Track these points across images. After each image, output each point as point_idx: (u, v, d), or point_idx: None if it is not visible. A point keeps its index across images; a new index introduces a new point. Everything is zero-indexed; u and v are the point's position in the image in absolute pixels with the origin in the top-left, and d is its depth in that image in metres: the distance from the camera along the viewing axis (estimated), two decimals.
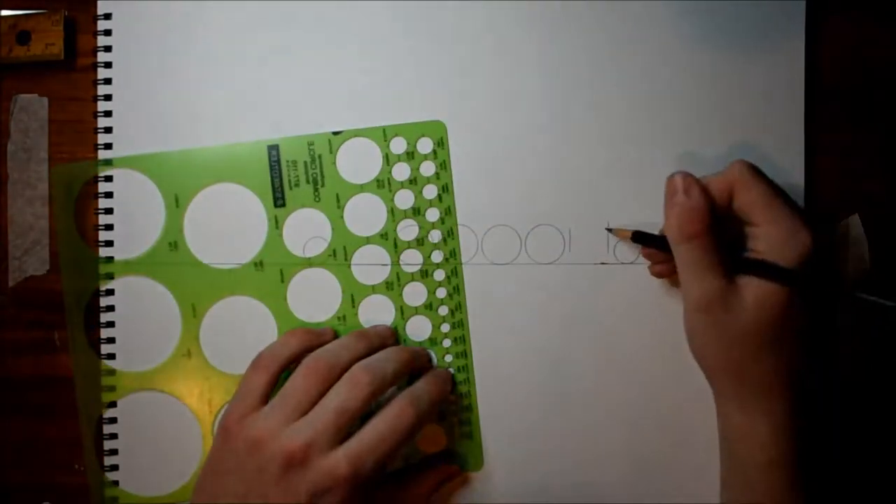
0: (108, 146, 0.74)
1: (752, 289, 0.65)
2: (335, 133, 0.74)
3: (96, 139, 0.74)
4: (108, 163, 0.74)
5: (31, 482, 0.76)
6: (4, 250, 0.75)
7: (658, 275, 0.74)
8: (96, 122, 0.74)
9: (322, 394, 0.67)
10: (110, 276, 0.74)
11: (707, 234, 0.66)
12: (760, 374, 0.66)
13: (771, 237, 0.65)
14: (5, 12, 0.74)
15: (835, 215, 0.76)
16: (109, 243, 0.74)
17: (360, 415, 0.67)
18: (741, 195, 0.66)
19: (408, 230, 0.75)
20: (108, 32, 0.75)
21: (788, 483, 0.67)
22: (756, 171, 0.66)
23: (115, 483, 0.75)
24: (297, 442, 0.64)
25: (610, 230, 0.75)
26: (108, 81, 0.75)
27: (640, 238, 0.72)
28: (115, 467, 0.75)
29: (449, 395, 0.74)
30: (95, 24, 0.75)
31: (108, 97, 0.74)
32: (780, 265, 0.65)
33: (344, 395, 0.67)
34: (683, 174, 0.68)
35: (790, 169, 0.75)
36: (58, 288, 0.75)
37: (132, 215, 0.74)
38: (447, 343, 0.75)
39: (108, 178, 0.74)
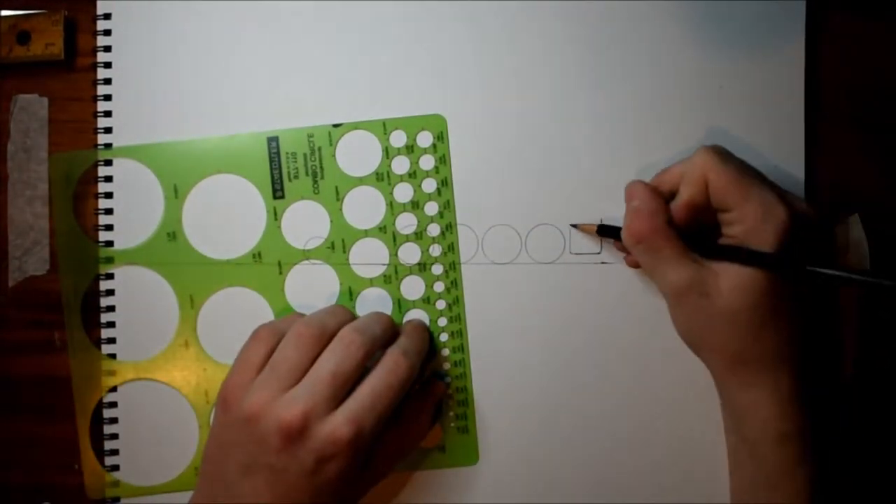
0: (108, 146, 0.74)
1: (729, 274, 0.66)
2: (335, 125, 0.74)
3: (96, 139, 0.74)
4: (107, 150, 0.74)
5: (31, 482, 0.76)
6: (4, 250, 0.75)
7: (633, 265, 0.74)
8: (96, 122, 0.75)
9: (313, 359, 0.67)
10: (111, 260, 0.74)
11: (657, 232, 0.68)
12: (755, 353, 0.67)
13: (746, 220, 0.66)
14: (5, 12, 0.74)
15: (835, 215, 0.76)
16: (109, 227, 0.74)
17: (356, 376, 0.66)
18: (712, 182, 0.66)
19: (406, 224, 0.75)
20: (108, 32, 0.75)
21: (798, 456, 0.67)
22: (722, 155, 0.67)
23: (116, 468, 0.74)
24: (293, 412, 0.63)
25: (575, 226, 0.75)
26: (108, 81, 0.75)
27: (604, 231, 0.74)
28: (115, 452, 0.74)
29: (428, 342, 0.74)
30: (95, 24, 0.75)
31: (108, 97, 0.75)
32: (750, 248, 0.66)
33: (338, 357, 0.66)
34: (633, 181, 0.71)
35: (790, 169, 0.75)
36: (58, 288, 0.75)
37: (131, 205, 0.74)
38: (444, 337, 0.75)
39: (108, 163, 0.74)
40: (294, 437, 0.63)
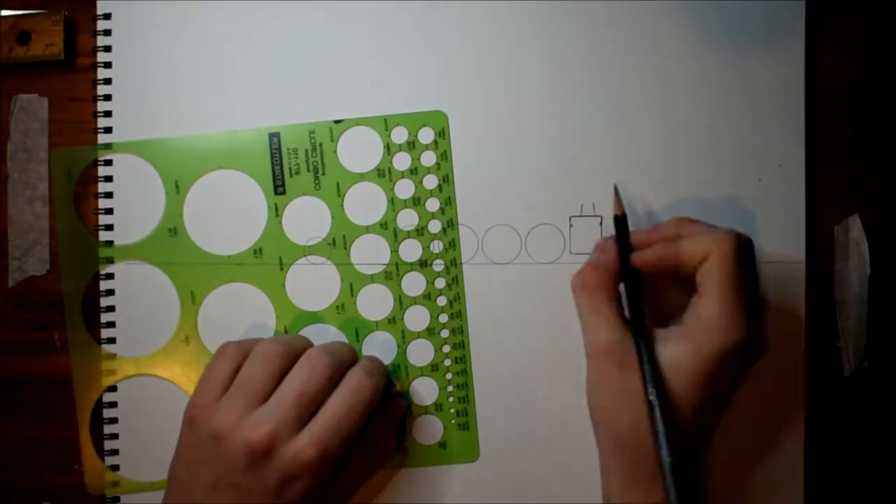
0: (108, 146, 0.74)
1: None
2: (336, 121, 0.75)
3: (96, 139, 0.74)
4: (108, 147, 0.74)
5: (31, 482, 0.75)
6: (4, 250, 0.75)
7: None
8: (96, 122, 0.75)
9: (279, 378, 0.67)
10: (110, 261, 0.74)
11: (603, 287, 0.68)
12: (647, 448, 0.64)
13: (703, 315, 0.65)
14: (5, 12, 0.74)
15: (835, 215, 0.76)
16: (109, 227, 0.74)
17: (322, 397, 0.66)
18: (709, 262, 0.64)
19: (408, 220, 0.75)
20: (108, 32, 0.75)
21: None
22: (740, 252, 0.65)
23: (116, 467, 0.74)
24: (259, 432, 0.64)
25: (616, 190, 0.74)
26: (108, 81, 0.75)
27: (619, 224, 0.72)
28: (115, 451, 0.74)
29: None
30: (95, 24, 0.75)
31: (108, 97, 0.75)
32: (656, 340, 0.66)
33: (304, 377, 0.66)
34: (607, 238, 0.72)
35: (790, 169, 0.75)
36: (58, 288, 0.75)
37: (132, 200, 0.74)
38: (445, 333, 0.75)
39: (108, 163, 0.74)
40: (259, 458, 0.64)
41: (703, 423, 0.66)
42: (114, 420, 0.74)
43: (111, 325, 0.74)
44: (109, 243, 0.74)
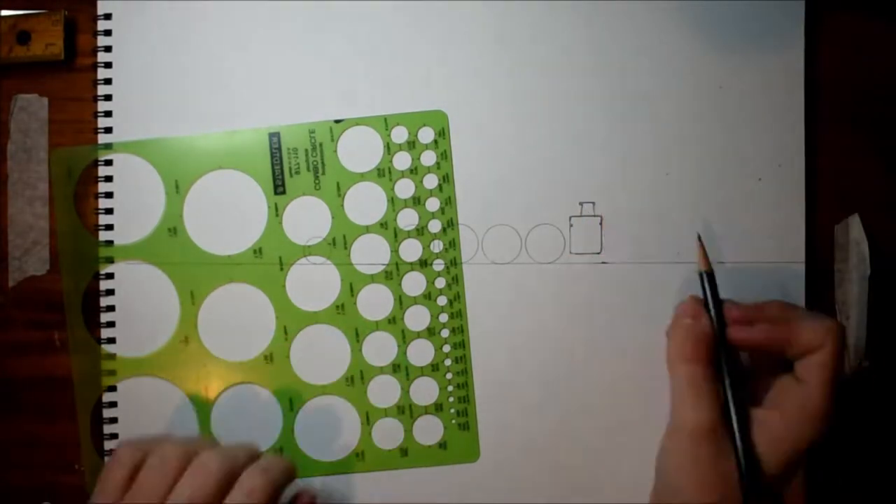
0: (108, 146, 0.74)
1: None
2: (337, 121, 0.74)
3: (96, 139, 0.74)
4: (108, 147, 0.74)
5: (31, 482, 0.75)
6: (4, 250, 0.75)
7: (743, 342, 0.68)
8: (96, 122, 0.75)
9: (172, 485, 0.63)
10: (110, 260, 0.74)
11: (706, 362, 0.67)
12: None
13: (807, 405, 0.65)
14: (5, 12, 0.74)
15: (835, 215, 0.76)
16: (110, 227, 0.74)
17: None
18: (821, 354, 0.64)
19: (408, 220, 0.75)
20: (108, 32, 0.75)
21: None
22: (842, 344, 0.65)
23: None
24: None
25: (700, 240, 0.72)
26: (108, 81, 0.75)
27: (709, 282, 0.70)
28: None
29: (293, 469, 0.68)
30: (95, 24, 0.75)
31: (108, 97, 0.75)
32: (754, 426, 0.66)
33: (195, 486, 0.62)
34: (694, 299, 0.69)
35: (790, 169, 0.75)
36: (58, 288, 0.74)
37: (132, 200, 0.74)
38: (445, 333, 0.75)
39: (108, 163, 0.74)
40: None
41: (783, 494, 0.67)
42: (114, 420, 0.74)
43: (111, 325, 0.74)
44: (109, 243, 0.74)
